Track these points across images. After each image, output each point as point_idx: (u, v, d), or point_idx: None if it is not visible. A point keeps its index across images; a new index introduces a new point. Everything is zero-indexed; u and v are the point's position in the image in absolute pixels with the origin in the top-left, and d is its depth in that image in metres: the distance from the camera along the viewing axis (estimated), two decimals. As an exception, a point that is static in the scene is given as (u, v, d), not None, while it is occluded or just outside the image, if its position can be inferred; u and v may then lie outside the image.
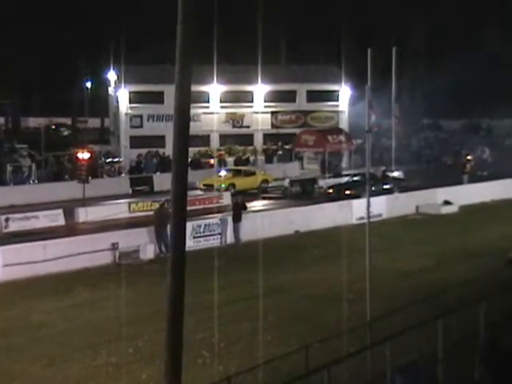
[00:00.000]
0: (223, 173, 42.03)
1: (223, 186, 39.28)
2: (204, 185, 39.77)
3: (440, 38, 67.00)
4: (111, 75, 58.37)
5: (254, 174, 42.17)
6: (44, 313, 18.66)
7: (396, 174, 43.05)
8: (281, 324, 17.59)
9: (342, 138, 50.11)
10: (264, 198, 38.62)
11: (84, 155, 36.15)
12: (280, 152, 53.01)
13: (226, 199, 36.24)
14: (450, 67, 57.97)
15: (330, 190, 37.40)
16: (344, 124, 56.17)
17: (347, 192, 35.98)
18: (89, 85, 77.54)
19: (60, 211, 32.37)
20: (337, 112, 56.99)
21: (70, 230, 30.05)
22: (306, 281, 21.87)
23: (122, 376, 14.11)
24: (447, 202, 35.12)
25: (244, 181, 40.69)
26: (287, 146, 52.99)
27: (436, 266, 23.70)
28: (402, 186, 37.79)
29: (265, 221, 29.11)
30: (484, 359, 12.86)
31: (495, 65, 62.55)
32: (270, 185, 41.59)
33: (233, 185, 39.84)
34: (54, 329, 17.31)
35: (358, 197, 33.43)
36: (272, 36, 59.14)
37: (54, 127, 71.03)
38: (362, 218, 31.08)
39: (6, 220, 30.82)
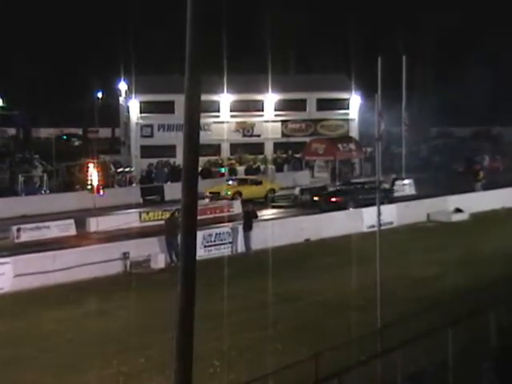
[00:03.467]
0: (230, 182, 42.36)
1: (229, 193, 39.55)
2: (210, 192, 40.02)
3: (450, 46, 66.97)
4: (122, 85, 58.65)
5: (260, 183, 42.25)
6: (55, 322, 18.72)
7: (406, 181, 43.02)
8: (292, 332, 17.59)
9: (352, 146, 50.11)
10: (274, 207, 38.64)
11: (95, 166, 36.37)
12: (291, 160, 53.04)
13: (237, 208, 36.29)
14: (459, 75, 57.94)
15: (316, 198, 36.83)
16: (354, 132, 56.19)
17: (333, 199, 35.63)
18: (100, 95, 77.89)
19: (71, 221, 32.51)
20: (347, 120, 57.03)
21: (81, 239, 30.16)
22: (317, 289, 21.86)
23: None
24: (458, 210, 35.01)
25: (250, 189, 40.64)
26: (297, 155, 53.02)
27: (446, 274, 23.63)
28: (390, 197, 36.68)
29: (275, 229, 29.12)
30: (494, 366, 12.81)
31: (506, 72, 62.37)
32: (277, 193, 41.51)
33: (239, 193, 39.92)
34: (65, 338, 17.36)
35: (344, 205, 33.23)
36: (282, 45, 59.27)
37: (64, 137, 71.38)
38: (372, 226, 31.10)
39: (18, 230, 30.97)
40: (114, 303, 20.38)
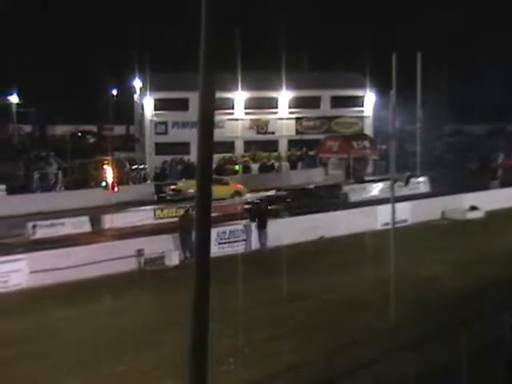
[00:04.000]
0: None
1: (191, 190, 37.25)
2: (172, 190, 39.97)
3: (465, 44, 66.67)
4: (137, 83, 58.80)
5: (226, 184, 40.74)
6: (68, 319, 18.78)
7: (421, 179, 42.86)
8: (306, 329, 17.58)
9: (367, 143, 49.99)
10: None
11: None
12: (305, 158, 53.00)
13: (250, 206, 36.24)
14: (474, 72, 57.63)
15: (247, 206, 33.37)
16: (369, 130, 56.05)
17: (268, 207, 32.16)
18: (115, 92, 78.13)
19: (86, 218, 32.63)
20: (361, 118, 56.89)
21: (96, 236, 30.27)
22: (331, 286, 21.82)
23: (146, 382, 14.17)
24: (473, 208, 34.86)
25: (215, 189, 39.05)
26: (311, 152, 52.96)
27: (461, 272, 23.52)
28: (347, 202, 35.68)
29: (290, 227, 29.12)
30: (508, 366, 12.76)
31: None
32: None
33: None
34: (78, 335, 17.41)
35: (277, 214, 31.53)
36: (296, 43, 59.18)
37: (79, 134, 71.67)
38: (387, 224, 31.03)
39: (34, 227, 31.14)
40: (128, 300, 20.45)
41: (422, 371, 12.78)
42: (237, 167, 51.27)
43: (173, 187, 40.13)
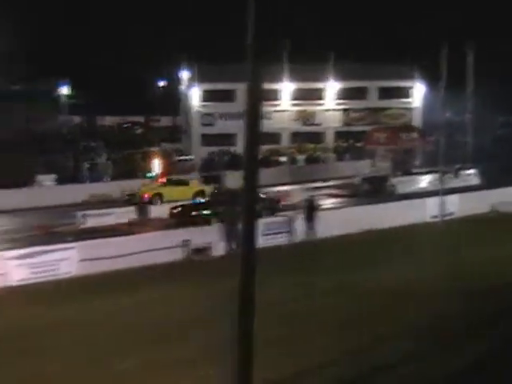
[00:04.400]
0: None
1: (146, 195, 36.14)
2: (127, 195, 37.18)
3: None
4: (184, 74, 59.17)
5: (186, 184, 38.36)
6: (114, 307, 18.90)
7: (470, 171, 42.27)
8: (353, 321, 17.46)
9: (415, 135, 49.47)
10: (334, 196, 38.47)
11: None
12: (352, 150, 52.76)
13: (297, 197, 36.24)
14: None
15: (175, 211, 31.31)
16: (417, 121, 55.47)
17: (193, 213, 30.49)
18: (162, 84, 78.74)
19: (133, 208, 33.03)
20: (410, 109, 56.32)
21: (143, 226, 30.57)
22: (379, 279, 21.61)
23: (189, 372, 14.22)
24: (524, 201, 34.19)
25: (174, 191, 36.43)
26: (358, 144, 52.64)
27: (508, 266, 23.09)
28: (274, 210, 31.79)
29: (336, 219, 29.01)
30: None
31: None
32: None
33: (159, 195, 36.42)
34: (122, 323, 17.47)
35: (207, 220, 29.20)
36: (344, 34, 58.87)
37: (127, 126, 72.50)
38: (435, 217, 30.74)
39: (83, 216, 31.67)
40: (173, 290, 20.57)
41: None
42: (283, 158, 51.27)
43: (127, 193, 37.34)
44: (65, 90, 72.04)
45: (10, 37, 49.81)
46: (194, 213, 30.34)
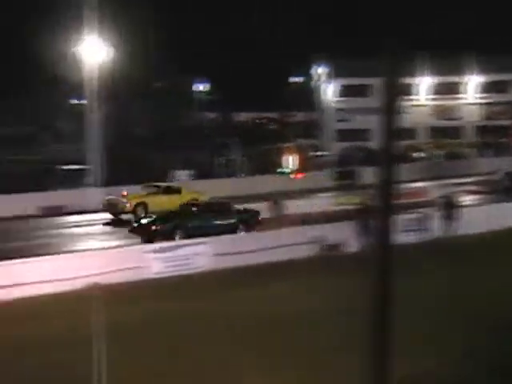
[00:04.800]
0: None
1: (127, 205, 32.64)
2: (108, 203, 33.57)
3: None
4: (320, 70, 59.13)
5: (178, 192, 34.23)
6: (242, 302, 19.02)
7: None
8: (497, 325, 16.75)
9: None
10: (474, 193, 37.29)
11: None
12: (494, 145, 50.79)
13: (434, 194, 35.36)
14: None
15: (135, 225, 28.16)
16: None
17: (153, 228, 27.10)
18: (298, 79, 79.04)
19: (266, 204, 33.28)
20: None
21: (277, 221, 30.74)
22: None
23: (319, 365, 14.14)
24: None
25: (161, 200, 32.86)
26: (503, 139, 50.59)
27: None
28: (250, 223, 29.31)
29: (476, 216, 28.06)
30: None
31: None
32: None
33: (143, 204, 32.74)
34: (246, 318, 17.45)
35: (169, 235, 26.45)
36: (487, 25, 56.87)
37: (261, 121, 73.24)
38: None
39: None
40: (305, 286, 20.54)
41: None
42: (419, 154, 50.14)
43: (107, 197, 33.68)
44: (202, 87, 73.77)
45: (150, 36, 51.63)
46: (153, 228, 27.01)
